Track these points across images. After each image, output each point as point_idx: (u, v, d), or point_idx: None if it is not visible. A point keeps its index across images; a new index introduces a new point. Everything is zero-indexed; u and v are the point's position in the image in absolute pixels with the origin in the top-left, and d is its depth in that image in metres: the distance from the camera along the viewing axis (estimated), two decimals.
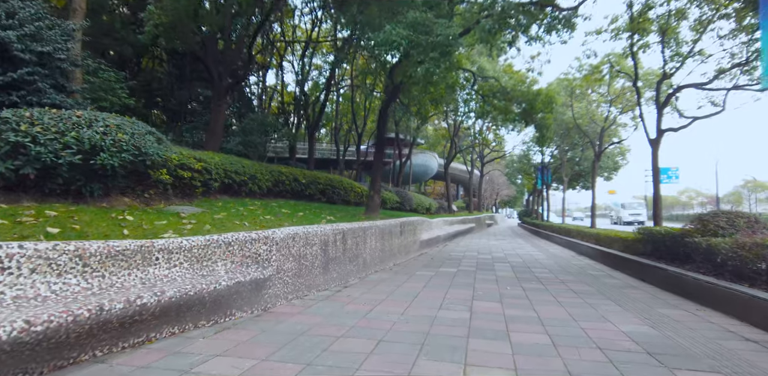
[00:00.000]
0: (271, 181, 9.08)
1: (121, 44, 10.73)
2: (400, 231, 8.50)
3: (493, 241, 16.21)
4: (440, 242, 13.00)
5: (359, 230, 6.41)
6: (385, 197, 14.12)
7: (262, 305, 4.12)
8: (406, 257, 8.85)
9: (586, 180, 27.57)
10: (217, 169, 7.27)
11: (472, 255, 10.28)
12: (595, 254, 9.76)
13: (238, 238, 3.98)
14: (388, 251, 7.67)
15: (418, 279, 6.36)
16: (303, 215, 7.11)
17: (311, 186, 10.31)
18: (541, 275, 7.14)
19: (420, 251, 10.12)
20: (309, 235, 4.97)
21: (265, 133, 10.75)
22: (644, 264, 6.65)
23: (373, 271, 6.91)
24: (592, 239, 11.00)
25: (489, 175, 46.76)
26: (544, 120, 9.98)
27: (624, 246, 8.41)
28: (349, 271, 6.00)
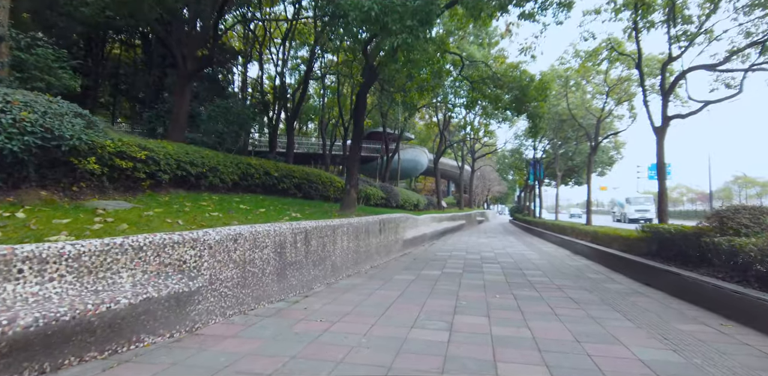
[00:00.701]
0: (237, 175, 8.19)
1: (69, 20, 9.66)
2: (380, 229, 7.67)
3: (483, 239, 15.46)
4: (426, 240, 12.21)
5: (327, 228, 5.57)
6: (369, 193, 13.29)
7: (188, 325, 3.28)
8: (387, 257, 8.03)
9: (579, 175, 26.95)
10: (167, 160, 6.37)
11: (459, 255, 9.49)
12: (592, 253, 9.02)
13: (154, 241, 3.13)
14: (364, 252, 6.85)
15: (395, 285, 5.54)
16: (264, 212, 6.25)
17: (285, 180, 9.45)
18: (535, 279, 6.36)
19: (403, 250, 9.31)
20: (258, 236, 4.13)
21: (233, 123, 9.83)
22: (651, 267, 5.89)
23: (345, 275, 6.08)
24: (588, 237, 10.26)
25: (480, 171, 46.06)
26: (537, 109, 9.20)
27: (625, 245, 7.66)
28: (313, 276, 5.17)
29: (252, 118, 10.72)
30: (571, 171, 26.02)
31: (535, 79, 9.25)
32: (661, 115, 7.75)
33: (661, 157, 7.79)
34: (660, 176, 7.83)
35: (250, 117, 10.44)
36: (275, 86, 16.62)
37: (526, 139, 24.75)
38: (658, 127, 7.81)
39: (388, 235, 8.17)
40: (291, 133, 13.92)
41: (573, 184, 28.10)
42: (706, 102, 7.23)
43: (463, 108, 14.68)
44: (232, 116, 9.85)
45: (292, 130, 13.87)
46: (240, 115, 9.97)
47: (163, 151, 6.38)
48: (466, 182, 37.38)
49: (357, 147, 8.08)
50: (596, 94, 15.17)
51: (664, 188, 7.77)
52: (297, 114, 14.02)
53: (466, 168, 38.41)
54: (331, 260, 5.66)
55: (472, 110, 12.25)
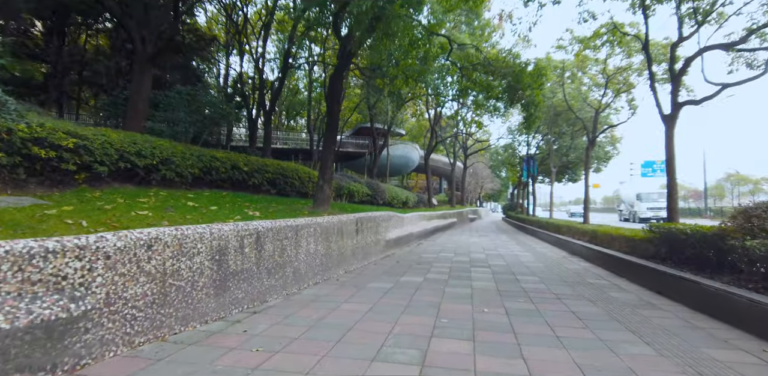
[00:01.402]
0: (198, 168, 7.33)
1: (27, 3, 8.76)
2: (356, 230, 6.85)
3: (474, 238, 14.70)
4: (413, 240, 11.42)
5: (288, 230, 4.74)
6: (353, 190, 12.47)
7: (67, 362, 2.44)
8: (365, 261, 7.22)
9: (573, 172, 26.30)
10: (105, 149, 5.49)
11: (446, 257, 8.70)
12: (590, 254, 8.27)
13: (14, 250, 2.28)
14: (337, 256, 6.03)
15: (367, 295, 4.73)
16: (215, 210, 5.40)
17: (256, 175, 8.59)
18: (530, 286, 5.58)
19: (386, 252, 8.51)
20: (186, 240, 3.29)
21: (197, 112, 8.93)
22: (662, 273, 5.13)
23: (312, 283, 5.26)
24: (586, 236, 9.52)
25: (473, 168, 45.36)
26: (531, 97, 8.41)
27: (629, 247, 6.90)
28: (268, 287, 4.34)
29: (221, 107, 9.81)
30: (565, 167, 25.36)
31: (529, 64, 8.46)
32: (671, 101, 6.99)
33: (671, 149, 7.04)
34: (669, 170, 7.08)
35: (220, 107, 9.53)
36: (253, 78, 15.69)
37: (520, 134, 24.02)
38: (667, 115, 7.05)
39: (367, 235, 7.35)
40: (268, 126, 13.01)
41: (567, 181, 27.46)
42: (724, 85, 6.48)
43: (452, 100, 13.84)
44: (197, 105, 8.94)
45: (269, 122, 12.96)
46: (207, 105, 9.07)
47: (102, 139, 5.51)
48: (459, 179, 36.64)
49: (332, 137, 7.22)
50: (592, 87, 14.44)
51: (674, 183, 7.01)
52: (274, 105, 13.14)
53: (459, 165, 37.67)
54: (292, 267, 4.83)
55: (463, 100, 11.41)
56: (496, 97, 9.20)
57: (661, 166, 54.81)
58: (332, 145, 7.21)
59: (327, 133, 7.21)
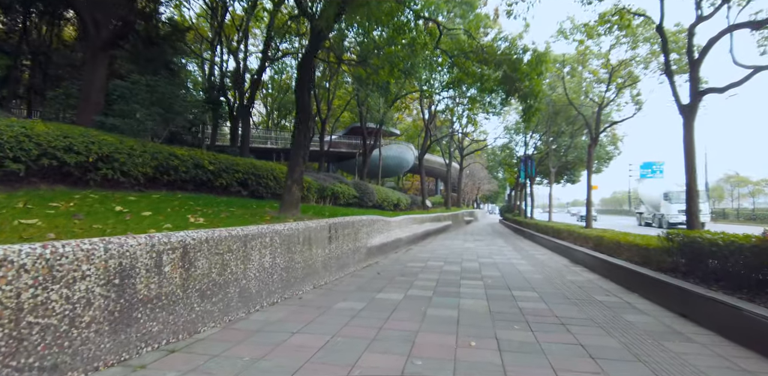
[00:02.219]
0: (151, 167, 6.45)
1: None
2: (330, 237, 5.98)
3: (469, 242, 13.84)
4: (402, 245, 10.55)
5: (232, 240, 3.87)
6: (338, 191, 11.60)
7: None
8: (341, 272, 6.35)
9: (572, 173, 25.50)
10: (21, 143, 4.62)
11: (435, 266, 7.84)
12: (595, 264, 7.41)
13: None
14: (302, 269, 5.15)
15: (328, 322, 3.87)
16: (147, 217, 4.51)
17: (224, 175, 7.73)
18: (528, 306, 4.71)
19: (367, 261, 7.64)
20: (60, 261, 2.42)
21: (157, 104, 8.03)
22: (688, 292, 4.27)
23: (267, 303, 4.39)
24: (590, 242, 8.67)
25: (469, 169, 44.56)
26: (531, 87, 7.58)
27: (642, 257, 6.06)
28: (200, 314, 3.47)
29: (182, 99, 8.91)
30: (564, 168, 24.55)
31: (528, 50, 7.62)
32: (690, 90, 6.14)
33: (691, 143, 6.19)
34: (689, 167, 6.21)
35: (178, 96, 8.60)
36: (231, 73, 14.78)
37: (517, 133, 23.20)
38: (685, 106, 6.20)
39: (343, 243, 6.47)
40: (246, 122, 12.09)
41: (565, 183, 26.65)
42: (757, 68, 5.65)
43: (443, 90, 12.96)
44: (158, 96, 8.06)
45: (247, 118, 12.04)
46: (171, 97, 8.18)
47: (17, 131, 4.64)
48: (455, 180, 35.81)
49: (304, 129, 6.31)
50: (593, 83, 13.63)
51: (695, 183, 6.15)
52: (252, 100, 12.25)
53: (455, 166, 36.84)
54: (238, 286, 3.95)
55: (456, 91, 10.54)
56: (491, 89, 8.36)
57: (661, 167, 54.22)
58: (303, 139, 6.33)
59: (297, 126, 6.35)
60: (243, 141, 11.89)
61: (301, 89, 6.29)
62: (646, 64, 10.64)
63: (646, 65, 10.64)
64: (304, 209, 7.85)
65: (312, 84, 6.31)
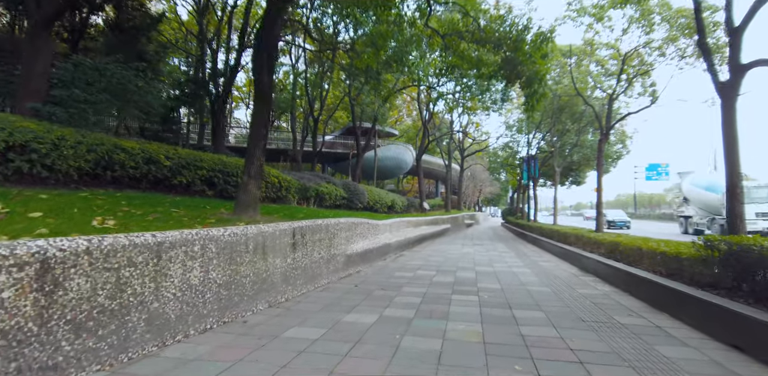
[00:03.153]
0: (86, 161, 5.49)
1: None
2: (293, 244, 4.98)
3: (467, 247, 12.82)
4: (392, 251, 9.54)
5: (137, 250, 2.89)
6: (323, 192, 10.61)
7: None
8: (310, 285, 5.35)
9: (577, 174, 24.46)
10: None
11: (425, 276, 6.83)
12: (610, 274, 6.39)
13: None
14: (252, 284, 4.16)
15: (264, 361, 2.88)
16: (38, 218, 3.53)
17: (184, 172, 6.77)
18: (533, 333, 3.70)
19: (347, 270, 6.64)
20: None
21: (106, 91, 7.09)
22: (742, 317, 3.27)
23: (195, 331, 3.40)
24: (602, 248, 7.64)
25: (471, 171, 43.53)
26: (535, 69, 6.59)
27: (670, 267, 5.04)
28: (71, 355, 2.48)
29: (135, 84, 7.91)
30: (568, 169, 23.50)
31: (530, 27, 6.63)
32: (730, 64, 5.14)
33: (732, 130, 5.15)
34: (730, 159, 5.15)
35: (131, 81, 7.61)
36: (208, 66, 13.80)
37: (519, 132, 22.19)
38: (725, 83, 5.19)
39: (313, 250, 5.47)
40: (220, 116, 11.11)
41: (570, 184, 25.59)
42: None
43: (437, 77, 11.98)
44: (106, 82, 7.11)
45: (222, 111, 11.09)
46: (124, 84, 7.21)
47: None
48: (455, 183, 34.78)
49: (262, 115, 5.26)
50: (601, 75, 12.63)
51: (738, 178, 5.09)
52: (228, 92, 11.27)
53: (455, 167, 35.82)
54: (146, 311, 2.96)
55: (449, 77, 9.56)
56: (489, 74, 7.37)
57: (666, 169, 53.06)
58: (261, 126, 5.31)
59: (255, 110, 5.34)
60: (216, 136, 10.90)
61: (260, 67, 5.26)
62: (662, 51, 9.66)
63: (662, 52, 9.65)
64: (274, 211, 6.88)
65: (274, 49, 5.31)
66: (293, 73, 22.13)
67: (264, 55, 5.29)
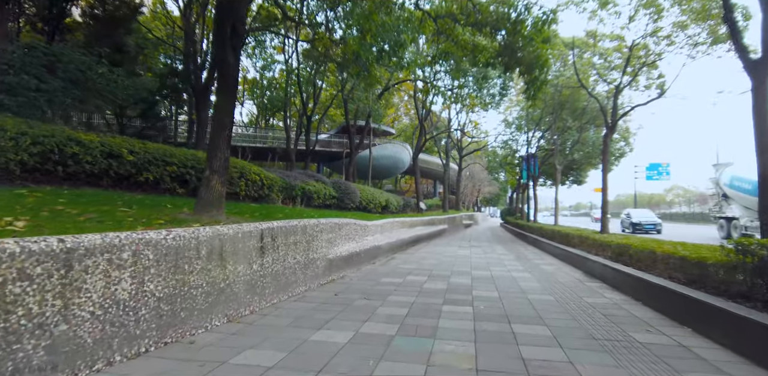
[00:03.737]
0: (31, 154, 4.87)
1: None
2: (261, 247, 4.36)
3: (464, 249, 12.20)
4: (382, 254, 8.93)
5: (20, 260, 2.26)
6: (311, 190, 10.00)
7: None
8: (282, 294, 4.74)
9: (578, 173, 23.85)
10: None
11: (416, 282, 6.21)
12: (619, 280, 5.79)
13: None
14: (205, 296, 3.55)
15: None
16: None
17: (151, 168, 6.16)
18: (537, 356, 3.09)
19: (328, 275, 6.02)
20: None
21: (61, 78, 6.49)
22: None
23: (122, 356, 2.79)
24: (608, 251, 7.03)
25: (469, 170, 42.94)
26: (537, 53, 5.99)
27: (690, 274, 4.43)
28: None
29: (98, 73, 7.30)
30: (568, 168, 22.88)
31: (530, 7, 6.01)
32: (762, 40, 4.55)
33: (764, 112, 4.53)
34: (762, 147, 4.52)
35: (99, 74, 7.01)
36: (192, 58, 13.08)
37: (518, 130, 21.57)
38: (757, 62, 4.57)
39: (286, 255, 4.86)
40: (202, 110, 10.43)
41: (571, 184, 24.99)
42: None
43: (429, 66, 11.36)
44: (63, 68, 6.50)
45: (204, 105, 10.43)
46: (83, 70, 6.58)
47: None
48: (453, 182, 34.16)
49: (226, 100, 4.60)
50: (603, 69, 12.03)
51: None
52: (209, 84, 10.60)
53: (454, 167, 35.21)
54: (47, 337, 2.36)
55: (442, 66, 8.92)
56: (486, 62, 6.76)
57: (667, 168, 52.45)
58: (225, 116, 4.67)
59: (218, 96, 4.71)
60: (198, 130, 10.25)
61: (219, 38, 4.58)
62: (671, 39, 9.04)
63: (671, 41, 9.03)
64: (248, 211, 6.27)
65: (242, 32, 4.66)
66: (286, 69, 21.52)
67: (227, 29, 4.62)
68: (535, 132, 20.79)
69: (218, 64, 4.62)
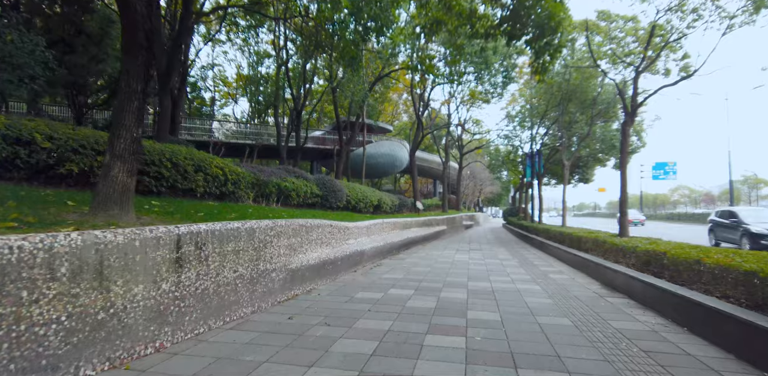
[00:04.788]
0: None
1: None
2: (177, 259, 3.22)
3: (462, 253, 11.03)
4: (367, 260, 7.78)
5: None
6: (289, 188, 8.82)
7: None
8: (214, 320, 3.59)
9: (584, 171, 22.62)
10: None
11: (399, 297, 5.06)
12: (651, 296, 4.63)
13: None
14: (64, 336, 2.42)
15: None
16: None
17: (76, 158, 5.00)
18: None
19: (291, 289, 4.88)
20: None
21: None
22: None
23: None
24: (634, 259, 5.85)
25: (470, 169, 41.73)
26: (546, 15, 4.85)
27: (753, 294, 3.26)
28: None
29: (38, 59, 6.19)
30: (574, 166, 21.64)
31: None
32: None
33: None
34: None
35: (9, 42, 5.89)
36: None
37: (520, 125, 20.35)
38: None
39: (222, 267, 3.70)
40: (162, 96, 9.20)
41: (577, 182, 23.75)
42: None
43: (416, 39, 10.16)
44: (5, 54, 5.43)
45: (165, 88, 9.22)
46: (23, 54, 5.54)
47: None
48: (454, 182, 32.95)
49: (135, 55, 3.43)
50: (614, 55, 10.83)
51: None
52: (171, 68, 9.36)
53: (454, 165, 34.01)
54: None
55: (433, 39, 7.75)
56: (486, 32, 5.60)
57: (674, 167, 51.13)
58: (134, 80, 3.52)
59: (126, 54, 3.61)
60: (159, 119, 9.06)
61: None
62: (698, 13, 7.85)
63: (698, 16, 7.84)
64: (185, 210, 5.12)
65: None
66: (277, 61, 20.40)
67: None
68: (539, 128, 19.59)
69: (121, 10, 3.49)
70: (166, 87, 9.21)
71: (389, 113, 41.30)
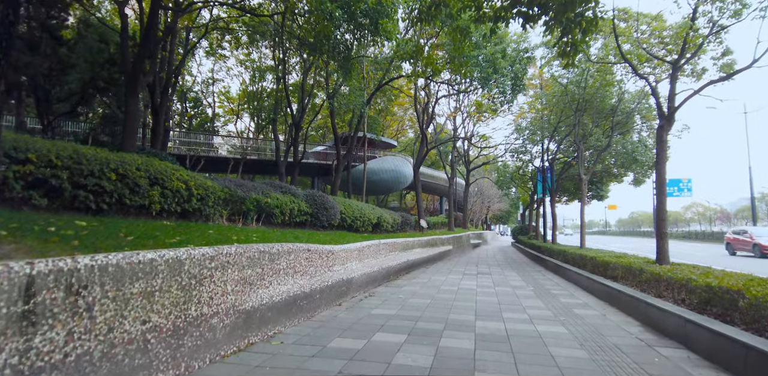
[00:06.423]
0: None
1: None
2: (25, 313, 2.08)
3: (469, 279, 9.80)
4: (354, 290, 6.62)
5: None
6: (271, 204, 7.72)
7: None
8: None
9: (599, 187, 21.36)
10: None
11: (384, 348, 3.89)
12: (726, 350, 3.42)
13: None
14: None
15: None
16: None
17: None
18: None
19: (244, 338, 3.74)
20: None
21: None
22: None
23: None
24: (685, 292, 4.63)
25: (478, 186, 40.51)
26: None
27: None
28: None
29: None
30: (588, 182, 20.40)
31: None
32: None
33: None
34: None
35: None
36: None
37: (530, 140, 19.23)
38: None
39: (123, 318, 2.59)
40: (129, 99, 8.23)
41: (589, 199, 22.45)
42: None
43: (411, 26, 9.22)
44: None
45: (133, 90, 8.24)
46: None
47: None
48: (461, 199, 31.72)
49: None
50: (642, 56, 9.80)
51: None
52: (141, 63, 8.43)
53: (461, 182, 32.84)
54: None
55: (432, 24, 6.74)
56: (495, 14, 4.57)
57: (689, 184, 49.40)
58: None
59: None
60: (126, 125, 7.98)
61: None
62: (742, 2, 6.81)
63: (742, 3, 6.80)
64: (143, 232, 4.06)
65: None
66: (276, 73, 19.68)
67: None
68: (551, 142, 18.47)
69: None
70: (133, 88, 8.24)
71: (394, 129, 40.50)
